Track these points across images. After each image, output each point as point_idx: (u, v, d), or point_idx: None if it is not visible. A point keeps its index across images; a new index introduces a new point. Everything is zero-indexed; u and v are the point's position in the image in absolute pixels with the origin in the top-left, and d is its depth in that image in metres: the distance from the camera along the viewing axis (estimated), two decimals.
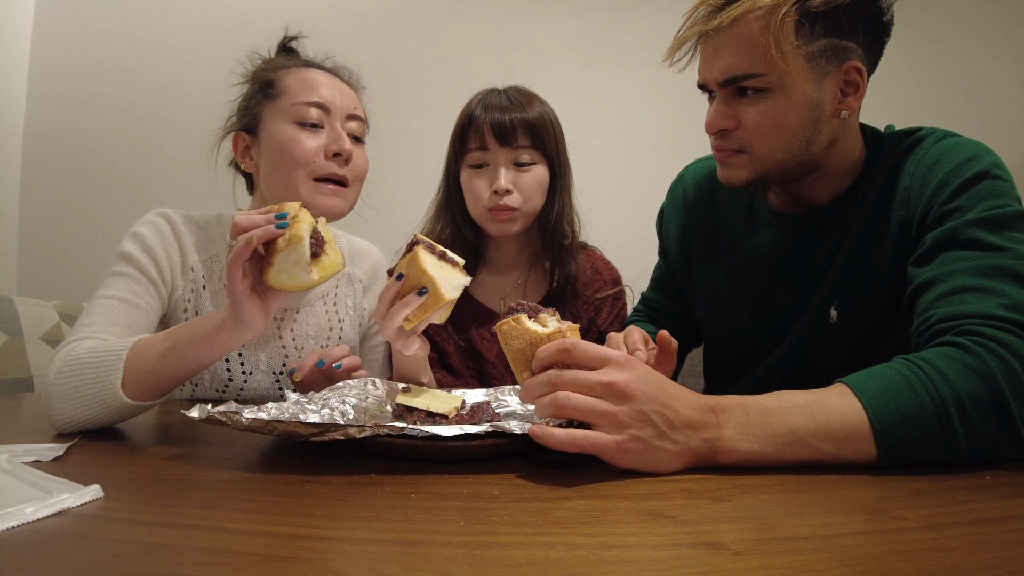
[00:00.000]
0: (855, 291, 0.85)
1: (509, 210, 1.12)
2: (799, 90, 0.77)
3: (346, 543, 0.41)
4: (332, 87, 0.99)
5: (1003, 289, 0.65)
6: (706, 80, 0.83)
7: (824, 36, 0.76)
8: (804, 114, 0.78)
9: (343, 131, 0.97)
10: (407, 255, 0.76)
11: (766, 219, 0.96)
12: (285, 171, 0.94)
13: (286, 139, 0.94)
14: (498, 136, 1.11)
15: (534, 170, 1.14)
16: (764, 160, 0.82)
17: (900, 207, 0.81)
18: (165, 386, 0.73)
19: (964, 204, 0.74)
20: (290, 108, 0.95)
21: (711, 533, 0.42)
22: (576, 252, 1.24)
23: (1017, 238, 0.70)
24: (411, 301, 0.74)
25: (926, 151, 0.82)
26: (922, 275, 0.73)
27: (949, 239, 0.72)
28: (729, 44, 0.78)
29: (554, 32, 2.23)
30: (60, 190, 2.10)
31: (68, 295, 1.79)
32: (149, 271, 0.93)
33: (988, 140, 0.81)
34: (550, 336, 0.63)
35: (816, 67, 0.77)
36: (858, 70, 0.79)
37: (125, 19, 2.14)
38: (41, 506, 0.45)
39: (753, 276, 0.97)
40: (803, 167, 0.83)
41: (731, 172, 0.85)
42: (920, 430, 0.56)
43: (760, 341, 0.96)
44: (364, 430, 0.57)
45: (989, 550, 0.40)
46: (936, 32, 2.26)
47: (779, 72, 0.75)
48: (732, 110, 0.81)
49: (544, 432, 0.56)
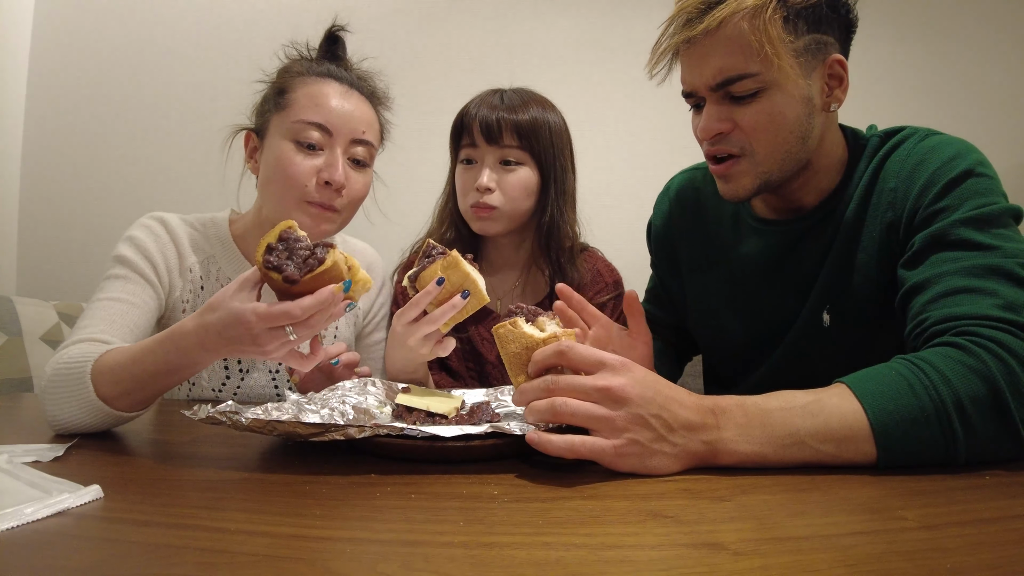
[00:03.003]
0: (846, 294, 0.85)
1: (489, 208, 1.12)
2: (793, 85, 0.77)
3: (346, 543, 0.41)
4: (343, 106, 0.94)
5: (996, 289, 0.65)
6: (695, 87, 0.81)
7: (807, 32, 0.77)
8: (799, 110, 0.78)
9: (341, 158, 0.93)
10: (436, 261, 0.77)
11: (752, 227, 0.95)
12: (277, 189, 0.93)
13: (282, 157, 0.92)
14: (485, 134, 1.12)
15: (520, 171, 1.14)
16: (764, 162, 0.81)
17: (886, 209, 0.81)
18: (146, 397, 0.70)
19: (951, 204, 0.74)
20: (292, 124, 0.92)
21: (711, 533, 0.42)
22: (577, 257, 1.22)
23: (1005, 235, 0.70)
24: (457, 304, 0.76)
25: (909, 151, 0.82)
26: (913, 277, 0.73)
27: (938, 240, 0.72)
28: (718, 46, 0.77)
29: (558, 33, 2.22)
30: (60, 190, 2.10)
31: (68, 295, 1.79)
32: (145, 272, 0.93)
33: (988, 140, 0.81)
34: (545, 340, 0.63)
35: (804, 62, 0.77)
36: (840, 63, 0.80)
37: (125, 19, 2.13)
38: (41, 506, 0.45)
39: (744, 284, 0.97)
40: (798, 165, 0.83)
41: (736, 185, 0.83)
42: (920, 431, 0.56)
43: (755, 348, 0.96)
44: (364, 430, 0.57)
45: (989, 550, 0.40)
46: (936, 32, 2.26)
47: (773, 70, 0.76)
48: (726, 113, 0.80)
49: (541, 439, 0.56)
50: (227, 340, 0.63)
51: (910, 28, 2.26)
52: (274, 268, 0.62)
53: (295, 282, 0.62)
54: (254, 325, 0.61)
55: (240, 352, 0.64)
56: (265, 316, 0.61)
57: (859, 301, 0.84)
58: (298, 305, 0.61)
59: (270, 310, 0.61)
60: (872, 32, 2.25)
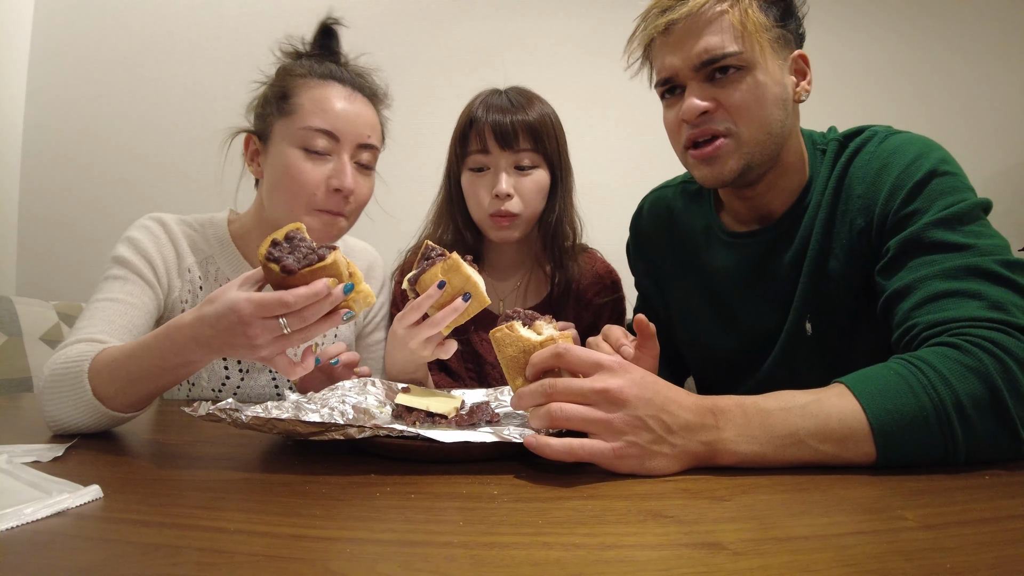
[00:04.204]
0: (825, 302, 0.86)
1: (510, 216, 1.12)
2: (771, 67, 0.81)
3: (346, 543, 0.41)
4: (348, 110, 0.93)
5: (979, 290, 0.65)
6: (676, 69, 0.82)
7: (776, 24, 0.81)
8: (777, 91, 0.81)
9: (349, 164, 0.93)
10: (436, 264, 0.77)
11: (724, 241, 0.96)
12: (285, 196, 0.93)
13: (291, 165, 0.91)
14: (499, 139, 1.10)
15: (535, 174, 1.13)
16: (749, 142, 0.81)
17: (855, 215, 0.82)
18: (142, 398, 0.70)
19: (920, 207, 0.74)
20: (299, 131, 0.91)
21: (711, 533, 0.42)
22: (577, 254, 1.23)
23: (978, 231, 0.71)
24: (459, 307, 0.76)
25: (872, 154, 0.82)
26: (893, 284, 0.73)
27: (913, 244, 0.73)
28: (701, 28, 0.79)
29: (556, 34, 2.23)
30: (59, 191, 2.10)
31: (67, 295, 1.79)
32: (144, 272, 0.93)
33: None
34: (542, 343, 0.63)
35: (778, 49, 0.82)
36: (804, 58, 0.85)
37: (125, 19, 2.14)
38: (41, 506, 0.45)
39: (724, 298, 0.97)
40: (775, 150, 0.84)
41: (720, 167, 0.83)
42: (919, 431, 0.56)
43: (744, 361, 0.96)
44: (364, 430, 0.57)
45: (989, 550, 0.40)
46: (937, 33, 2.26)
47: (755, 50, 0.79)
48: (710, 93, 0.81)
49: (540, 442, 0.56)
50: (219, 332, 0.61)
51: (911, 29, 2.26)
52: (274, 260, 0.62)
53: (292, 272, 0.61)
54: (246, 313, 0.60)
55: (231, 347, 0.62)
56: (258, 304, 0.60)
57: (838, 308, 0.85)
58: (292, 293, 0.60)
59: (263, 297, 0.60)
60: (873, 31, 2.25)
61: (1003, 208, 0.97)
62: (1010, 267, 0.66)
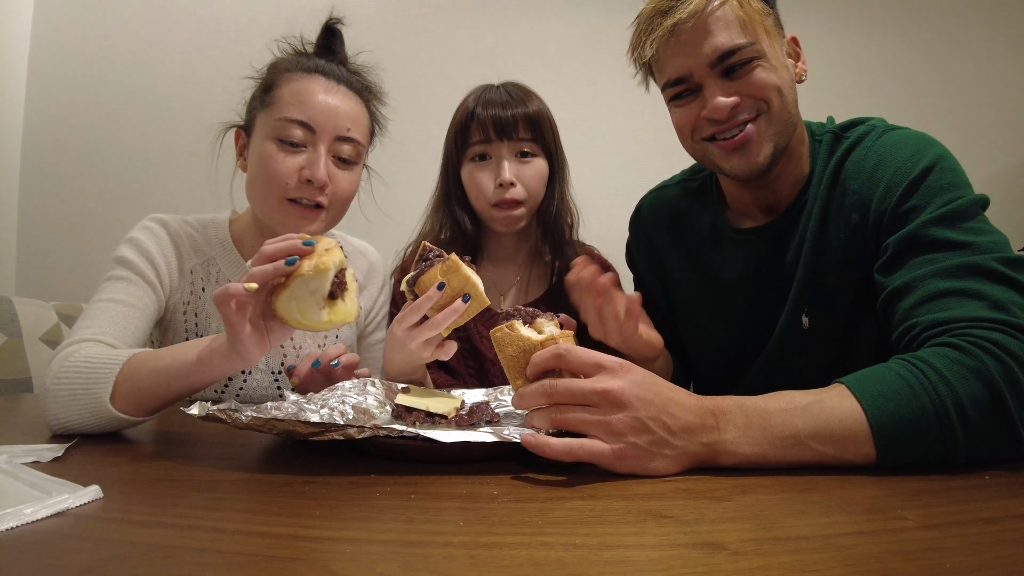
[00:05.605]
0: (821, 296, 0.86)
1: (515, 203, 1.14)
2: (778, 52, 0.83)
3: (345, 543, 0.41)
4: (327, 103, 0.92)
5: (980, 289, 0.65)
6: (690, 69, 0.82)
7: (769, 10, 0.84)
8: (787, 74, 0.84)
9: (324, 155, 0.91)
10: (435, 265, 0.77)
11: (731, 239, 0.96)
12: (260, 187, 0.93)
13: (265, 156, 0.91)
14: (499, 130, 1.13)
15: (535, 162, 1.17)
16: (776, 122, 0.82)
17: (850, 211, 0.82)
18: (156, 404, 0.71)
19: (918, 204, 0.74)
20: (275, 122, 0.91)
21: (711, 533, 0.42)
22: (574, 244, 1.26)
23: (977, 228, 0.70)
24: (458, 308, 0.76)
25: (868, 150, 0.82)
26: (893, 282, 0.73)
27: (912, 242, 0.72)
28: (710, 25, 0.80)
29: (551, 33, 2.23)
30: (59, 190, 2.10)
31: (67, 296, 1.78)
32: (146, 274, 0.93)
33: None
34: (543, 343, 0.63)
35: (776, 35, 0.84)
36: (795, 40, 0.88)
37: (125, 19, 2.13)
38: (40, 507, 0.45)
39: (728, 293, 0.97)
40: (793, 133, 0.85)
41: (753, 154, 0.82)
42: (919, 432, 0.56)
43: (742, 354, 0.97)
44: (364, 431, 0.57)
45: (989, 550, 0.40)
46: (936, 32, 2.26)
47: (762, 39, 0.81)
48: (732, 88, 0.81)
49: (539, 442, 0.56)
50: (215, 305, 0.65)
51: (912, 28, 2.26)
52: None
53: None
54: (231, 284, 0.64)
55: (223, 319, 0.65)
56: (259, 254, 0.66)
57: (834, 302, 0.85)
58: None
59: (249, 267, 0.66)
60: (872, 31, 2.25)
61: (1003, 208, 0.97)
62: (1010, 265, 0.66)
